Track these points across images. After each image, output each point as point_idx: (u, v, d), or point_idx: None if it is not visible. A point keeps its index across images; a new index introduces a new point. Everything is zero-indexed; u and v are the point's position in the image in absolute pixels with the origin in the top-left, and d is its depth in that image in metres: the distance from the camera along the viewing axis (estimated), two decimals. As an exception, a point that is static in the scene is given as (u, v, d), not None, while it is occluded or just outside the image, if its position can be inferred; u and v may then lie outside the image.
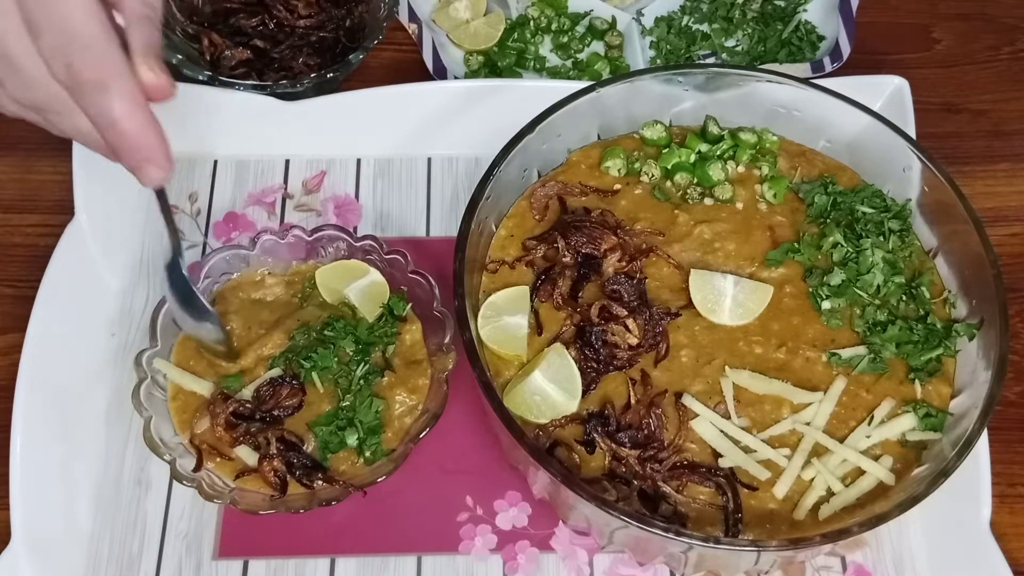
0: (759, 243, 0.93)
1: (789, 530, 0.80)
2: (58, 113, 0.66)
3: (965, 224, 0.86)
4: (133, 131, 0.66)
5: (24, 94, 0.66)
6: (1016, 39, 1.28)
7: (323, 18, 1.16)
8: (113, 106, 0.64)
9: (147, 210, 1.08)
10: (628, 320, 0.85)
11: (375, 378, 0.92)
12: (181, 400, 0.92)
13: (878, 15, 1.28)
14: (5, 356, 0.99)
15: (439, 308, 0.94)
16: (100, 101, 0.64)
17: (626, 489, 0.81)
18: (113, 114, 0.65)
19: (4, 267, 1.06)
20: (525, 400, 0.83)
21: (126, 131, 0.66)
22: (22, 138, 1.14)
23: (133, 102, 0.65)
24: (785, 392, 0.85)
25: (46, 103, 0.66)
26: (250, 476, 0.88)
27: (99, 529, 0.91)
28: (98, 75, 0.63)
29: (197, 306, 0.87)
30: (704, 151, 0.97)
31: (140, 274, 1.04)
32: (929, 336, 0.87)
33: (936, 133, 1.17)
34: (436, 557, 0.91)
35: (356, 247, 0.98)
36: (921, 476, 0.80)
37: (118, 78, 0.64)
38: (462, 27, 1.24)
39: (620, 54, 1.24)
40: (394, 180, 1.12)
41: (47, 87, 0.64)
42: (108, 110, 0.64)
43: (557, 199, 0.95)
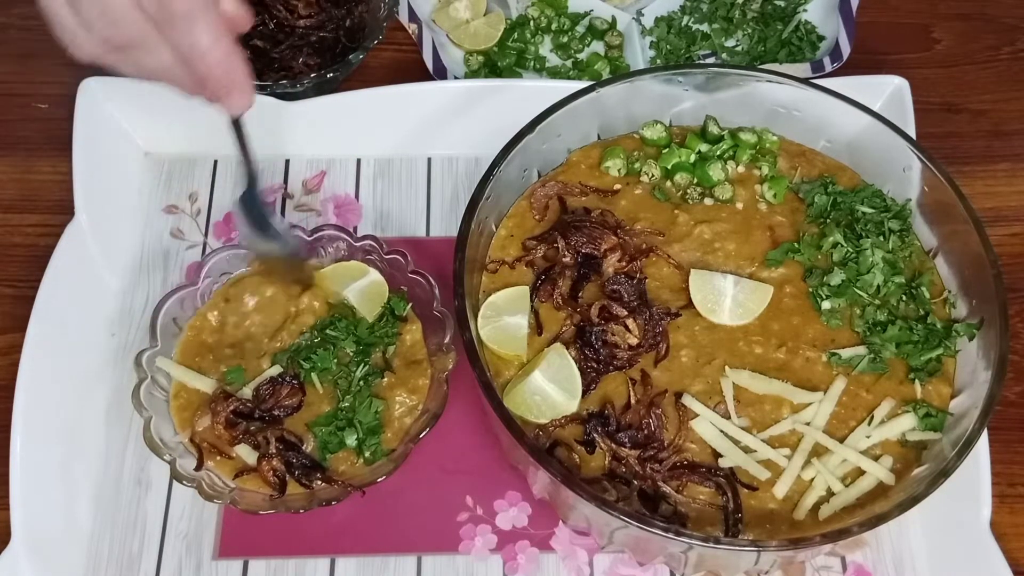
0: (759, 243, 0.93)
1: (789, 530, 0.80)
2: (143, 47, 0.68)
3: (965, 224, 0.86)
4: (220, 59, 0.68)
5: (113, 31, 0.67)
6: (1016, 39, 1.28)
7: (323, 18, 1.16)
8: (201, 35, 0.67)
9: (147, 210, 1.08)
10: (628, 320, 0.85)
11: (375, 378, 0.92)
12: (183, 399, 0.92)
13: (878, 15, 1.28)
14: (5, 356, 0.99)
15: (439, 308, 0.94)
16: (190, 31, 0.66)
17: (626, 489, 0.81)
18: (202, 43, 0.67)
19: (4, 267, 1.06)
20: (525, 400, 0.83)
21: (214, 59, 0.68)
22: (22, 138, 1.14)
23: (219, 32, 0.68)
24: (785, 392, 0.85)
25: (132, 38, 0.67)
26: (249, 476, 0.88)
27: (99, 529, 0.91)
28: (187, 6, 0.66)
29: (271, 233, 0.87)
30: (704, 151, 0.97)
31: (140, 274, 1.04)
32: (929, 336, 0.86)
33: (936, 133, 1.17)
34: (436, 557, 0.91)
35: (356, 247, 0.98)
36: (921, 476, 0.80)
37: (205, 8, 0.67)
38: (462, 27, 1.24)
39: (620, 54, 1.24)
40: (394, 180, 1.12)
41: (136, 21, 0.66)
42: (197, 39, 0.67)
43: (557, 199, 0.95)
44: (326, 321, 0.94)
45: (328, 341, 0.93)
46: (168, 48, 0.68)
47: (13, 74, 1.18)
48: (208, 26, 0.67)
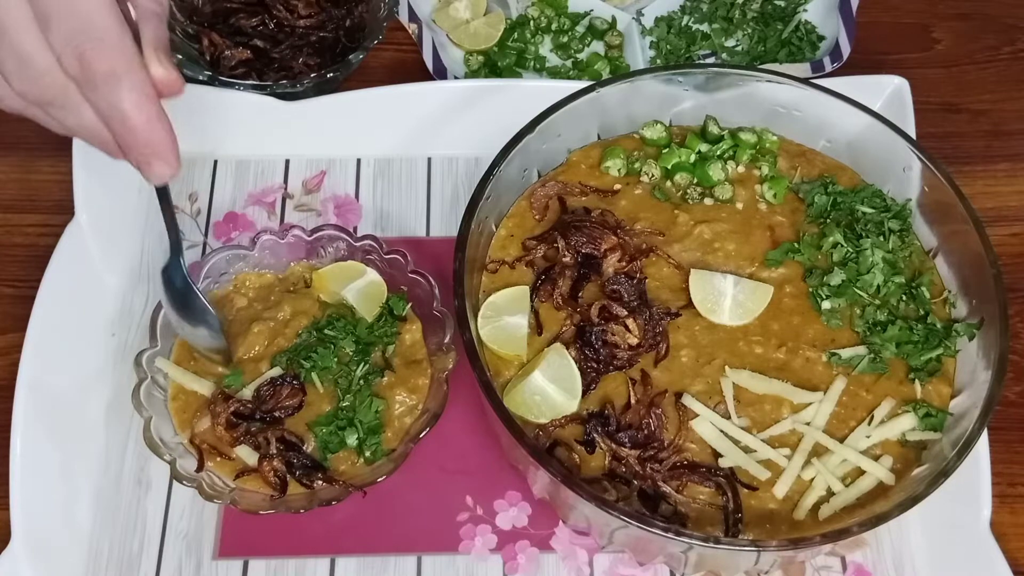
0: (759, 243, 0.93)
1: (789, 530, 0.80)
2: (63, 108, 0.66)
3: (965, 224, 0.86)
4: (143, 124, 0.65)
5: (30, 87, 0.65)
6: (1016, 39, 1.28)
7: (323, 18, 1.16)
8: (124, 97, 0.64)
9: (147, 210, 1.08)
10: (628, 320, 0.85)
11: (375, 378, 0.92)
12: (181, 400, 0.92)
13: (878, 15, 1.28)
14: (5, 356, 0.99)
15: (439, 308, 0.94)
16: (112, 92, 0.64)
17: (626, 489, 0.81)
18: (124, 106, 0.64)
19: (4, 267, 1.06)
20: (525, 400, 0.83)
21: (136, 124, 0.65)
22: (22, 138, 1.14)
23: (144, 94, 0.65)
24: (785, 392, 0.85)
25: (52, 97, 0.65)
26: (250, 476, 0.88)
27: (99, 529, 0.91)
28: (110, 66, 0.63)
29: (196, 308, 0.87)
30: (704, 151, 0.97)
31: (140, 274, 1.04)
32: (929, 336, 0.86)
33: (936, 133, 1.17)
34: (436, 557, 0.91)
35: (356, 247, 0.98)
36: (921, 476, 0.80)
37: (130, 70, 0.64)
38: (462, 27, 1.24)
39: (620, 54, 1.24)
40: (394, 180, 1.12)
41: (55, 80, 0.64)
42: (119, 101, 0.64)
43: (557, 199, 0.95)
44: (324, 321, 0.94)
45: (328, 340, 0.92)
46: (89, 109, 0.65)
47: (13, 74, 1.18)
48: (132, 89, 0.64)
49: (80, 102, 0.65)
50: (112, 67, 0.63)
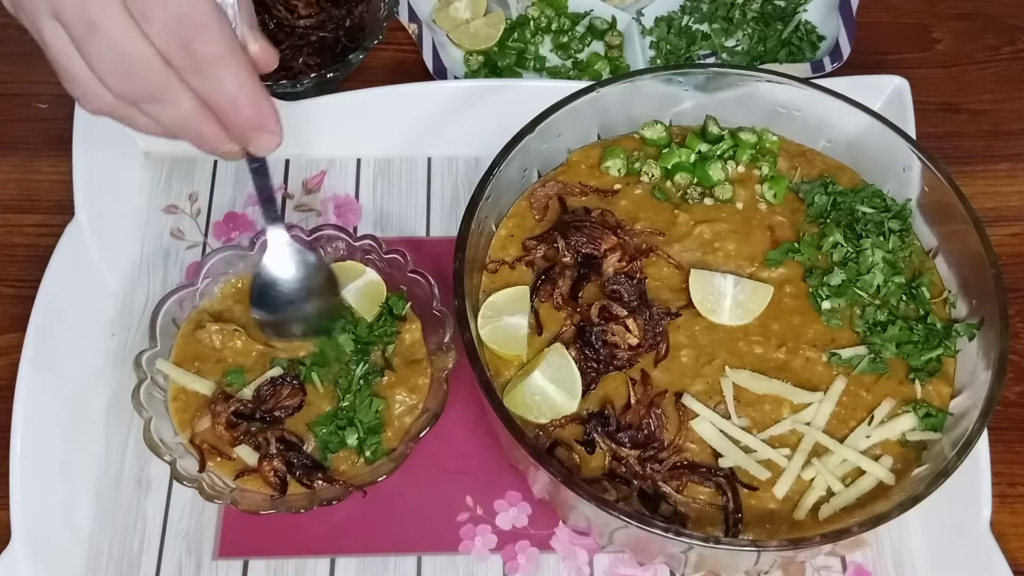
0: (759, 243, 0.93)
1: (789, 530, 0.80)
2: (161, 101, 0.65)
3: (965, 224, 0.86)
4: (249, 101, 0.67)
5: (130, 83, 0.64)
6: (1016, 39, 1.28)
7: (323, 18, 1.16)
8: (230, 78, 0.65)
9: (147, 210, 1.08)
10: (628, 320, 0.85)
11: (375, 378, 0.92)
12: (182, 400, 0.92)
13: (878, 15, 1.28)
14: (5, 356, 0.99)
15: (439, 307, 0.94)
16: (217, 75, 0.65)
17: (626, 489, 0.81)
18: (230, 86, 0.65)
19: (4, 267, 1.06)
20: (525, 400, 0.83)
21: (243, 102, 0.66)
22: (22, 138, 1.14)
23: (247, 72, 0.66)
24: (785, 392, 0.85)
25: (152, 90, 0.65)
26: (250, 476, 0.88)
27: (99, 529, 0.91)
28: (216, 49, 0.64)
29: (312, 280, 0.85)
30: (704, 151, 0.97)
31: (140, 274, 1.04)
32: (929, 336, 0.86)
33: (936, 133, 1.17)
34: (436, 557, 0.91)
35: (355, 247, 0.98)
36: (921, 476, 0.80)
37: (233, 51, 0.65)
38: (462, 27, 1.24)
39: (620, 54, 1.24)
40: (394, 180, 1.12)
41: (155, 72, 0.64)
42: (225, 83, 0.65)
43: (557, 199, 0.95)
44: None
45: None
46: (188, 98, 0.66)
47: (13, 74, 1.18)
48: (236, 69, 0.65)
49: (179, 92, 0.65)
50: (216, 51, 0.64)
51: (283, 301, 0.86)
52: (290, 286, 0.85)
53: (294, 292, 0.86)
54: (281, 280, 0.85)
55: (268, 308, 0.86)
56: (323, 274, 0.87)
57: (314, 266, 0.86)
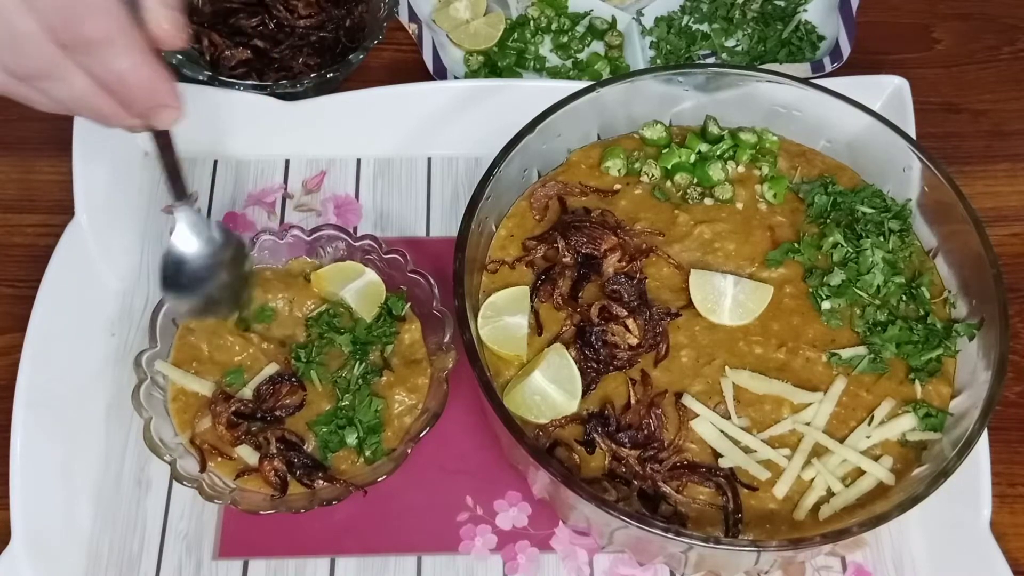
0: (759, 243, 0.93)
1: (789, 530, 0.80)
2: (54, 78, 0.63)
3: (965, 224, 0.86)
4: (143, 82, 0.64)
5: (19, 60, 0.62)
6: (1016, 39, 1.28)
7: (323, 18, 1.16)
8: (120, 60, 0.62)
9: (147, 210, 1.08)
10: (628, 320, 0.85)
11: (374, 377, 0.92)
12: (181, 401, 0.92)
13: (878, 15, 1.28)
14: (5, 356, 0.99)
15: (438, 307, 0.94)
16: (106, 57, 0.62)
17: (626, 489, 0.81)
18: (121, 68, 0.63)
19: (4, 267, 1.06)
20: (525, 400, 0.83)
21: (136, 83, 0.64)
22: (22, 138, 1.14)
23: (140, 52, 0.63)
24: (785, 392, 0.85)
25: (42, 67, 0.63)
26: (250, 476, 0.88)
27: (99, 529, 0.91)
28: (103, 30, 0.61)
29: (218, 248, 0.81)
30: (704, 151, 0.97)
31: (140, 274, 1.04)
32: (929, 336, 0.86)
33: (936, 133, 1.17)
34: (436, 557, 0.91)
35: (355, 247, 0.98)
36: (921, 476, 0.80)
37: (123, 31, 0.62)
38: (462, 27, 1.24)
39: (620, 54, 1.24)
40: (394, 180, 1.12)
41: (44, 49, 0.61)
42: (115, 65, 0.63)
43: (557, 199, 0.95)
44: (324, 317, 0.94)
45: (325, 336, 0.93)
46: (80, 76, 0.63)
47: (13, 74, 1.18)
48: (126, 50, 0.62)
49: (71, 70, 0.63)
50: (104, 32, 0.61)
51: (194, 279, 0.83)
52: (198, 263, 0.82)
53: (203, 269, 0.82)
54: (188, 257, 0.81)
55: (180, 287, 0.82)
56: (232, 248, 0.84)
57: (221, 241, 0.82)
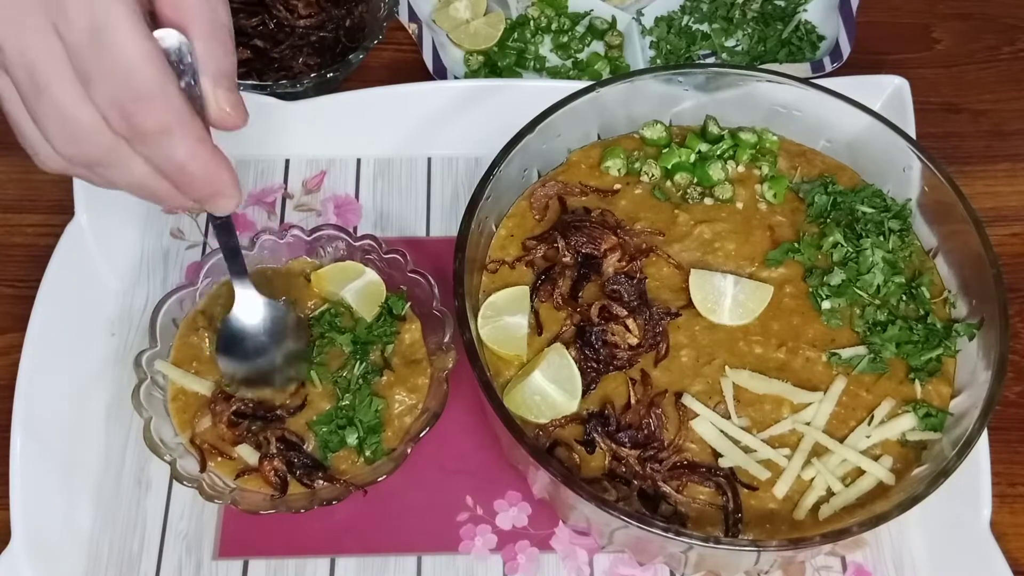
0: (759, 243, 0.93)
1: (789, 530, 0.80)
2: (111, 165, 0.63)
3: (965, 224, 0.86)
4: (200, 171, 0.63)
5: (76, 149, 0.61)
6: (1016, 39, 1.28)
7: (323, 18, 1.16)
8: (178, 150, 0.61)
9: (147, 210, 1.08)
10: (628, 320, 0.85)
11: (374, 377, 0.92)
12: (181, 401, 0.92)
13: (878, 15, 1.28)
14: (5, 356, 0.99)
15: (438, 307, 0.94)
16: (164, 146, 0.61)
17: (626, 489, 0.81)
18: (178, 158, 0.62)
19: (4, 267, 1.06)
20: (525, 400, 0.83)
21: (194, 171, 0.63)
22: (22, 138, 1.14)
23: (198, 141, 0.62)
24: (785, 392, 0.85)
25: (100, 157, 0.62)
26: (250, 476, 0.88)
27: (99, 529, 0.91)
28: (159, 122, 0.60)
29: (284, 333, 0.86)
30: (704, 151, 0.97)
31: (140, 274, 1.04)
32: (929, 336, 0.86)
33: (936, 133, 1.17)
34: (436, 557, 0.91)
35: (355, 247, 0.98)
36: (921, 476, 0.80)
37: (181, 122, 0.61)
38: (462, 27, 1.24)
39: (620, 54, 1.24)
40: (394, 180, 1.12)
41: (102, 139, 0.60)
42: (173, 154, 0.62)
43: (557, 199, 0.95)
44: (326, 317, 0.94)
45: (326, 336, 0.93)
46: (139, 163, 0.62)
47: (13, 74, 1.18)
48: (184, 139, 0.61)
49: (129, 158, 0.62)
50: (161, 122, 0.60)
51: (251, 352, 0.87)
52: (258, 337, 0.86)
53: (262, 344, 0.87)
54: (249, 330, 0.85)
55: (237, 359, 0.88)
56: (291, 321, 0.88)
57: (282, 315, 0.86)
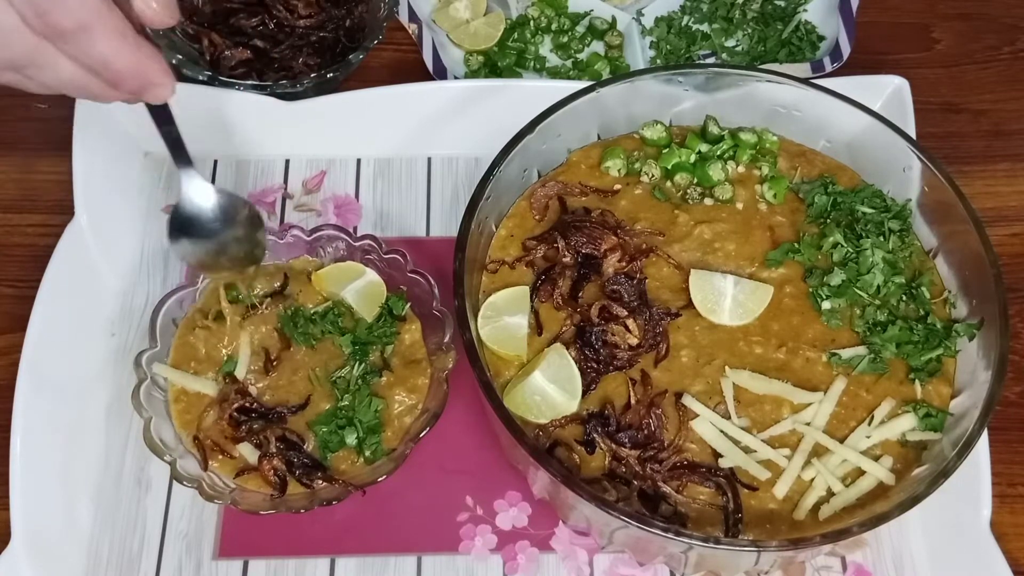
0: (759, 243, 0.93)
1: (789, 530, 0.80)
2: (39, 67, 0.63)
3: (965, 224, 0.86)
4: (127, 65, 0.64)
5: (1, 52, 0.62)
6: (1016, 39, 1.28)
7: (323, 18, 1.16)
8: (100, 46, 0.62)
9: (147, 210, 1.08)
10: (628, 320, 0.85)
11: (373, 377, 0.92)
12: (183, 402, 0.92)
13: (878, 15, 1.28)
14: (5, 356, 0.99)
15: (438, 307, 0.94)
16: (85, 44, 0.62)
17: (626, 489, 0.81)
18: (102, 54, 0.62)
19: (4, 267, 1.06)
20: (525, 400, 0.83)
21: (120, 67, 0.63)
22: (22, 138, 1.14)
23: (119, 35, 0.62)
24: (785, 392, 0.85)
25: (25, 57, 0.62)
26: (250, 475, 0.88)
27: (99, 529, 0.91)
28: (76, 19, 0.60)
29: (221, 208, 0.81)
30: (704, 151, 0.97)
31: (140, 274, 1.04)
32: (929, 336, 0.86)
33: (936, 133, 1.17)
34: (436, 557, 0.91)
35: (355, 247, 0.98)
36: (921, 476, 0.80)
37: (99, 17, 0.61)
38: (462, 27, 1.24)
39: (620, 54, 1.24)
40: (394, 180, 1.12)
41: (24, 40, 0.61)
42: (96, 51, 0.62)
43: (557, 199, 0.95)
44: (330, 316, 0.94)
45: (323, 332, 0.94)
46: (65, 62, 0.63)
47: (13, 74, 1.18)
48: (104, 33, 0.61)
49: (55, 57, 0.63)
50: (77, 20, 0.60)
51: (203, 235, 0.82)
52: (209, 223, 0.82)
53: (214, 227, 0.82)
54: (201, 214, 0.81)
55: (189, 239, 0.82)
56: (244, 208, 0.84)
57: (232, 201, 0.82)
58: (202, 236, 0.82)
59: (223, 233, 0.82)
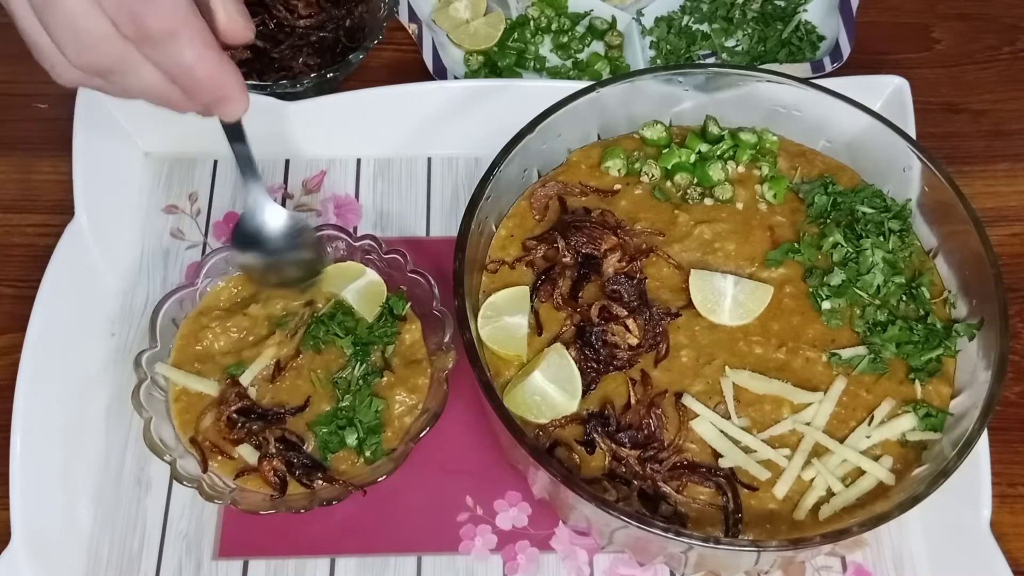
0: (759, 243, 0.93)
1: (789, 530, 0.80)
2: (123, 72, 0.65)
3: (965, 224, 0.86)
4: (208, 74, 0.65)
5: (88, 57, 0.64)
6: (1016, 39, 1.28)
7: (323, 18, 1.16)
8: (185, 53, 0.64)
9: (147, 210, 1.08)
10: (628, 320, 0.85)
11: (374, 377, 0.92)
12: (184, 402, 0.92)
13: (878, 15, 1.28)
14: (5, 356, 0.99)
15: (438, 307, 0.94)
16: (172, 49, 0.63)
17: (626, 489, 0.81)
18: (186, 61, 0.64)
19: (4, 267, 1.06)
20: (525, 400, 0.83)
21: (201, 75, 0.65)
22: (22, 138, 1.14)
23: (205, 45, 0.64)
24: (785, 392, 0.85)
25: (110, 63, 0.64)
26: (250, 476, 0.88)
27: (99, 529, 0.91)
28: (166, 24, 0.62)
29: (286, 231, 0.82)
30: (704, 151, 0.97)
31: (140, 274, 1.04)
32: (929, 336, 0.86)
33: (936, 133, 1.17)
34: (436, 557, 0.91)
35: (355, 247, 0.98)
36: (921, 476, 0.80)
37: (187, 24, 0.63)
38: (462, 27, 1.24)
39: (620, 54, 1.24)
40: (394, 180, 1.12)
41: (112, 45, 0.63)
42: (180, 57, 0.64)
43: (557, 199, 0.95)
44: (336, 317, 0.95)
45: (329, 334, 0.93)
46: (149, 69, 0.65)
47: (13, 74, 1.18)
48: (191, 42, 0.64)
49: (140, 64, 0.64)
50: (168, 25, 0.62)
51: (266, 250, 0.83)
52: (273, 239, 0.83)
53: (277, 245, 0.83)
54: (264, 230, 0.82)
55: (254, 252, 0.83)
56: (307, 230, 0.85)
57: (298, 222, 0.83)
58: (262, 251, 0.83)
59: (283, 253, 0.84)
